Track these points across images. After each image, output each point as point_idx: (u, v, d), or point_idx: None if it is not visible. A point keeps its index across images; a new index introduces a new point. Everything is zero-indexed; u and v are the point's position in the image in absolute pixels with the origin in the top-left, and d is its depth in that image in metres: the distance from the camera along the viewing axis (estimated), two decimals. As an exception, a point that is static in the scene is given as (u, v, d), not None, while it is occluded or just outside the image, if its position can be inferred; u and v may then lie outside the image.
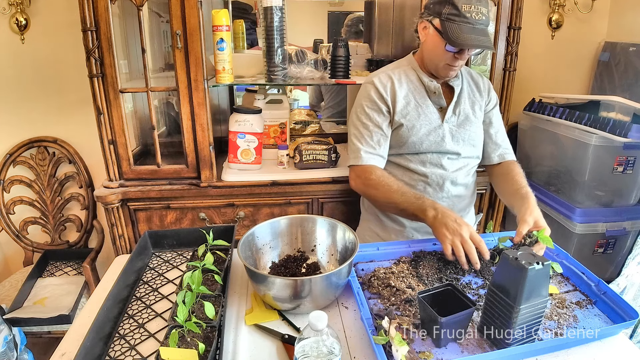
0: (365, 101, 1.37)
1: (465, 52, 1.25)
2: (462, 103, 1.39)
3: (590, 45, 2.27)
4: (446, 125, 1.36)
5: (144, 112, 1.92)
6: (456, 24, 1.18)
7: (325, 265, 1.14)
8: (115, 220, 1.67)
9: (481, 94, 1.44)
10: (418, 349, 0.85)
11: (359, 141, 1.36)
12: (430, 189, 1.36)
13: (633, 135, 1.60)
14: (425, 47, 1.33)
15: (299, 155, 1.74)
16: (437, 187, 1.37)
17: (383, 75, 1.38)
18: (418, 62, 1.39)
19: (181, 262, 1.18)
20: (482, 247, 1.05)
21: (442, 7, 1.21)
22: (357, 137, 1.37)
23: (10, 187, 2.05)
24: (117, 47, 1.51)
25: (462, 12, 1.17)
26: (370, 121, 1.35)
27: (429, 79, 1.36)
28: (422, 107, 1.36)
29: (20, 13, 1.88)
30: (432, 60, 1.32)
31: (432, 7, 1.25)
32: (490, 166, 1.49)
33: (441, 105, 1.38)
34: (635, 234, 1.85)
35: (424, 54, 1.35)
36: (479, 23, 1.18)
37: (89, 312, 0.96)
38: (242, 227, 1.73)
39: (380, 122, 1.35)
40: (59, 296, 1.84)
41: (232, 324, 0.96)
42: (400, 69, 1.40)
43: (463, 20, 1.18)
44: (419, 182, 1.36)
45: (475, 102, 1.42)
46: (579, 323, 0.93)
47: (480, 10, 1.18)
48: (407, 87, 1.36)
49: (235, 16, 1.97)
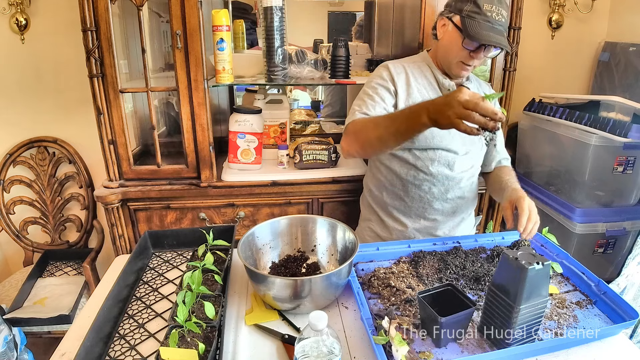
0: (376, 79, 1.36)
1: (481, 52, 1.24)
2: None
3: (590, 45, 2.27)
4: None
5: (144, 112, 1.92)
6: (476, 21, 1.19)
7: (325, 265, 1.14)
8: (115, 220, 1.67)
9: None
10: (418, 349, 0.85)
11: (359, 107, 1.31)
12: (435, 189, 1.35)
13: (633, 135, 1.60)
14: (441, 44, 1.33)
15: (299, 155, 1.74)
16: (442, 188, 1.36)
17: (397, 64, 1.38)
18: (432, 59, 1.39)
19: (181, 262, 1.18)
20: (480, 107, 0.94)
21: (463, 5, 1.22)
22: (359, 104, 1.32)
23: (10, 187, 2.05)
24: (117, 47, 1.51)
25: (484, 10, 1.18)
26: (375, 94, 1.32)
27: (443, 77, 1.35)
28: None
29: (20, 13, 1.87)
30: (446, 57, 1.32)
31: (453, 4, 1.26)
32: (486, 173, 1.51)
33: None
34: (635, 234, 1.85)
35: (439, 51, 1.35)
36: (498, 24, 1.19)
37: (89, 312, 0.96)
38: (242, 227, 1.73)
39: (385, 99, 1.32)
40: (59, 296, 1.84)
41: (232, 324, 0.96)
42: (415, 63, 1.40)
43: (483, 19, 1.19)
44: (425, 182, 1.34)
45: None
46: (579, 323, 0.93)
47: (500, 12, 1.19)
48: (420, 81, 1.36)
49: (235, 16, 1.97)
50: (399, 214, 1.40)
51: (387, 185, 1.40)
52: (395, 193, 1.39)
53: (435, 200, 1.36)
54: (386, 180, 1.39)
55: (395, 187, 1.38)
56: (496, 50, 1.25)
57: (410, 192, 1.36)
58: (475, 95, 0.96)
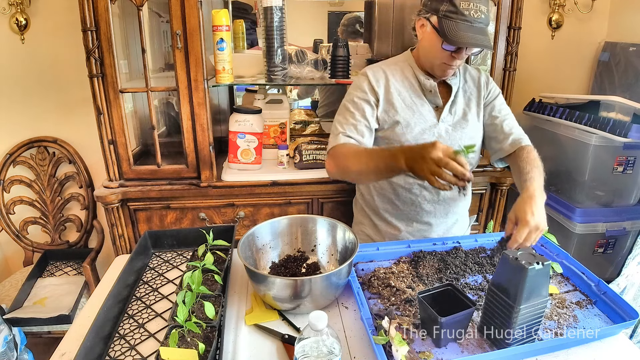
0: (356, 91, 1.33)
1: (462, 52, 1.21)
2: (458, 102, 1.35)
3: (590, 45, 2.27)
4: (442, 125, 1.32)
5: (144, 112, 1.92)
6: (454, 21, 1.15)
7: (325, 265, 1.14)
8: (115, 220, 1.67)
9: (479, 90, 1.39)
10: (418, 349, 0.85)
11: (342, 126, 1.29)
12: (426, 192, 1.34)
13: (633, 135, 1.60)
14: (422, 45, 1.30)
15: (299, 155, 1.74)
16: (433, 191, 1.34)
17: (377, 69, 1.34)
18: (415, 59, 1.36)
19: (181, 262, 1.18)
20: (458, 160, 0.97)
21: (439, 4, 1.18)
22: (341, 122, 1.31)
23: (10, 187, 2.05)
24: (117, 47, 1.51)
25: (460, 9, 1.14)
26: (357, 110, 1.30)
27: (425, 77, 1.32)
28: (417, 105, 1.32)
29: (20, 13, 1.87)
30: (428, 58, 1.29)
31: (429, 4, 1.22)
32: (507, 157, 1.37)
33: (437, 105, 1.34)
34: (635, 234, 1.85)
35: (421, 52, 1.32)
36: (478, 21, 1.15)
37: (89, 312, 0.96)
38: (242, 227, 1.73)
39: (367, 114, 1.30)
40: (59, 296, 1.84)
41: (232, 324, 0.96)
42: (397, 65, 1.37)
43: (461, 18, 1.15)
44: (415, 185, 1.33)
45: (472, 100, 1.37)
46: (579, 323, 0.93)
47: (479, 8, 1.15)
48: (402, 83, 1.33)
49: (235, 16, 1.97)
50: (391, 217, 1.38)
51: (378, 189, 1.38)
52: (386, 196, 1.37)
53: (426, 203, 1.34)
54: (376, 183, 1.38)
55: (386, 191, 1.36)
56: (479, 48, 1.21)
57: (401, 196, 1.34)
58: (448, 151, 0.98)
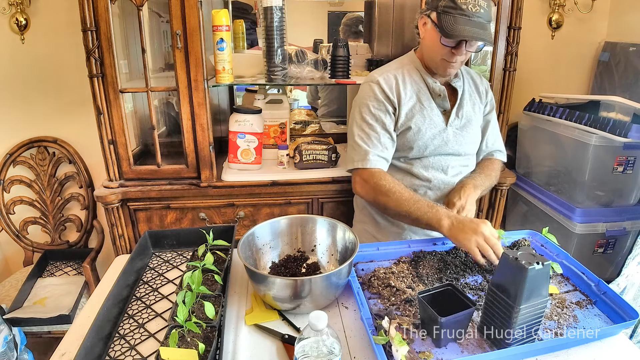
0: (371, 101, 1.31)
1: (462, 47, 1.20)
2: (464, 105, 1.37)
3: (590, 45, 2.27)
4: (450, 129, 1.34)
5: (144, 112, 1.92)
6: (452, 15, 1.15)
7: (325, 265, 1.14)
8: (115, 220, 1.67)
9: (480, 97, 1.42)
10: (418, 349, 0.85)
11: (366, 143, 1.29)
12: (431, 192, 1.35)
13: (633, 135, 1.60)
14: (424, 43, 1.31)
15: (299, 155, 1.74)
16: (438, 192, 1.35)
17: (387, 75, 1.33)
18: (420, 60, 1.36)
19: (181, 262, 1.18)
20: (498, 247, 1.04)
21: (439, 0, 1.18)
22: (363, 138, 1.30)
23: (10, 187, 2.05)
24: (117, 47, 1.51)
25: (458, 3, 1.14)
26: (377, 122, 1.29)
27: (433, 81, 1.32)
28: (427, 110, 1.32)
29: (20, 13, 1.87)
30: (430, 56, 1.30)
31: (430, 1, 1.23)
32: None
33: (445, 108, 1.35)
34: (635, 234, 1.85)
35: (424, 50, 1.33)
36: (476, 16, 1.14)
37: (89, 312, 0.96)
38: (242, 227, 1.73)
39: (387, 124, 1.30)
40: (59, 296, 1.84)
41: (232, 324, 0.96)
42: (404, 68, 1.36)
43: (459, 12, 1.14)
44: (421, 187, 1.35)
45: (476, 104, 1.40)
46: (579, 323, 0.93)
47: (477, 2, 1.14)
48: (411, 88, 1.33)
49: (235, 16, 1.97)
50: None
51: None
52: None
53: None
54: None
55: None
56: (480, 44, 1.21)
57: None
58: (494, 233, 1.05)
